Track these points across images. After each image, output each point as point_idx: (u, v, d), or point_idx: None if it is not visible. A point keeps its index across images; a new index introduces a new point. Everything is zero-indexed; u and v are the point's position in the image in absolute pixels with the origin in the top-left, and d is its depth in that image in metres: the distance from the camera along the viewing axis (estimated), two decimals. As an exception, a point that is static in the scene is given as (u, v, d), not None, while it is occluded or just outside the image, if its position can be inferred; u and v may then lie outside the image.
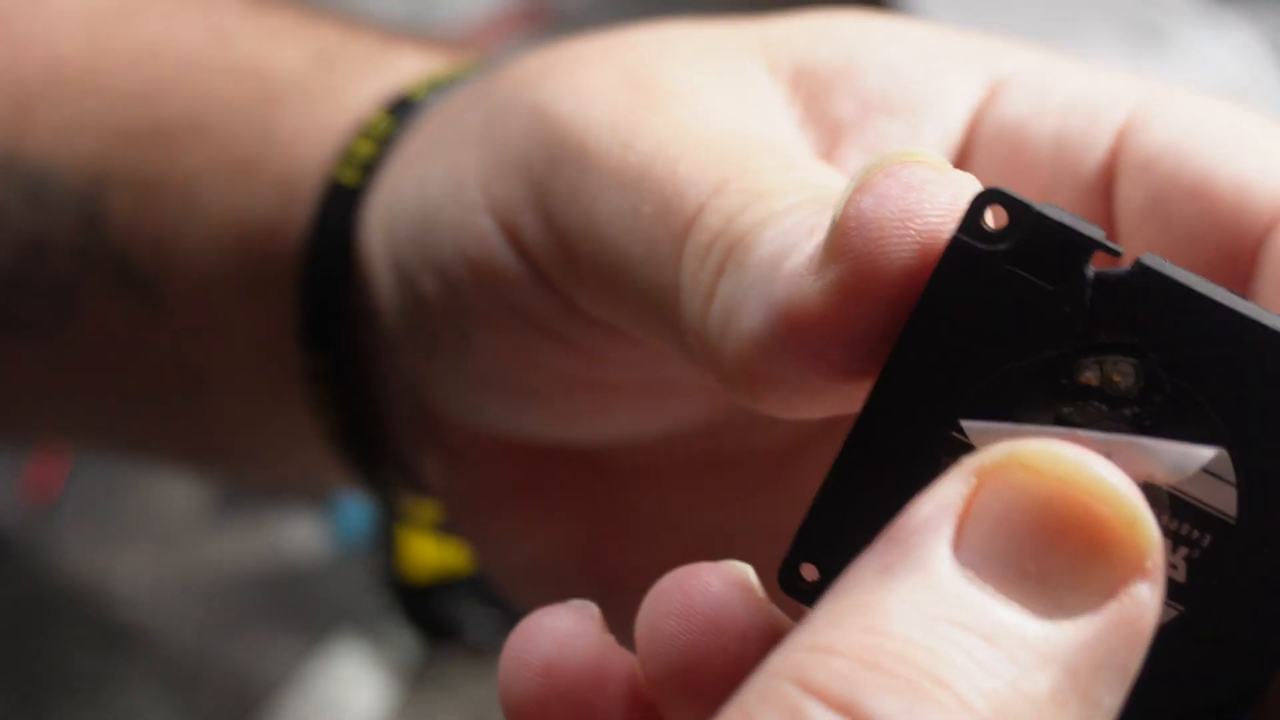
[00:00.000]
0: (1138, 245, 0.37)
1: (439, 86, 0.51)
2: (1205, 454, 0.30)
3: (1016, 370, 0.31)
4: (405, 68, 0.54)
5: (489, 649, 0.78)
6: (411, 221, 0.46)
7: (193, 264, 0.54)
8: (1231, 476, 0.30)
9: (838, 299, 0.32)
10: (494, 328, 0.44)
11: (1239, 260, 0.36)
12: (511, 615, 0.77)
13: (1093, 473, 0.29)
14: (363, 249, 0.49)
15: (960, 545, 0.29)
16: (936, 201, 0.31)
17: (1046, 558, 0.28)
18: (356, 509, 0.81)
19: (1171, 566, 0.31)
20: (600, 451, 0.48)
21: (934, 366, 0.31)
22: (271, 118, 0.53)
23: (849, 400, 0.33)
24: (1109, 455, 0.29)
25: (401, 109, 0.51)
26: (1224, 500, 0.30)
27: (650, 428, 0.47)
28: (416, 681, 0.78)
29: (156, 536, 0.83)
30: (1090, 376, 0.31)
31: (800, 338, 0.32)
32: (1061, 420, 0.31)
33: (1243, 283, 0.36)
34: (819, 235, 0.33)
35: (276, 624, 0.80)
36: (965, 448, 0.31)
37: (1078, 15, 1.12)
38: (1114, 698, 0.28)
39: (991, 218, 0.31)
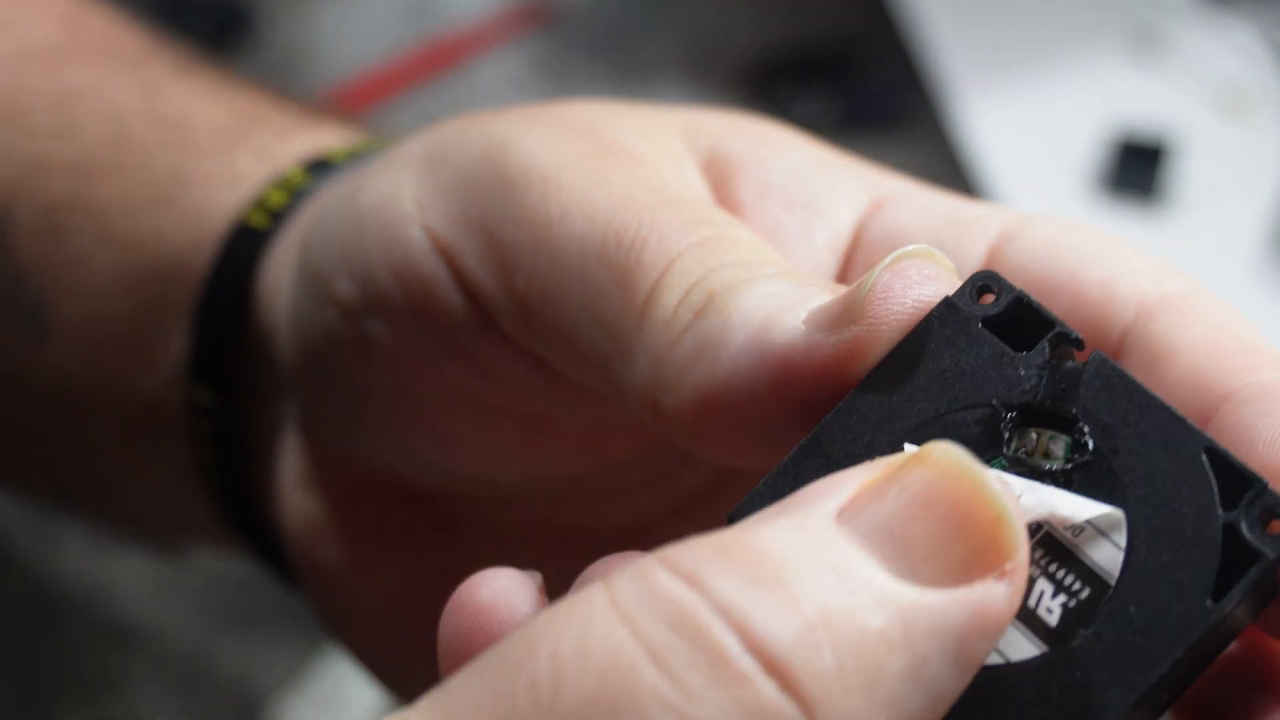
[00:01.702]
0: None
1: (357, 155, 0.54)
2: (1102, 509, 0.33)
3: (965, 413, 0.35)
4: (327, 138, 0.56)
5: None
6: (335, 227, 0.47)
7: (92, 292, 0.55)
8: (1123, 543, 0.33)
9: (848, 353, 0.36)
10: (401, 335, 0.46)
11: (1104, 348, 0.40)
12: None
13: (976, 471, 0.32)
14: (264, 286, 0.51)
15: (844, 512, 0.32)
16: (941, 288, 0.36)
17: (913, 528, 0.31)
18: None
19: (1047, 610, 0.33)
20: (454, 500, 0.50)
21: (897, 394, 0.35)
22: (189, 162, 0.55)
23: (776, 447, 0.36)
24: (1016, 490, 0.33)
25: (319, 169, 0.53)
26: (1110, 563, 0.33)
27: (515, 468, 0.48)
28: (417, 681, 0.78)
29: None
30: (1027, 441, 0.35)
31: (792, 382, 0.36)
32: (990, 464, 0.35)
33: None
34: (818, 300, 0.37)
35: (278, 625, 0.80)
36: None
37: (1078, 17, 1.12)
38: (947, 672, 0.31)
39: (980, 296, 0.36)
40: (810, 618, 0.30)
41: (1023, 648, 0.33)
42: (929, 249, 0.37)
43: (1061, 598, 0.33)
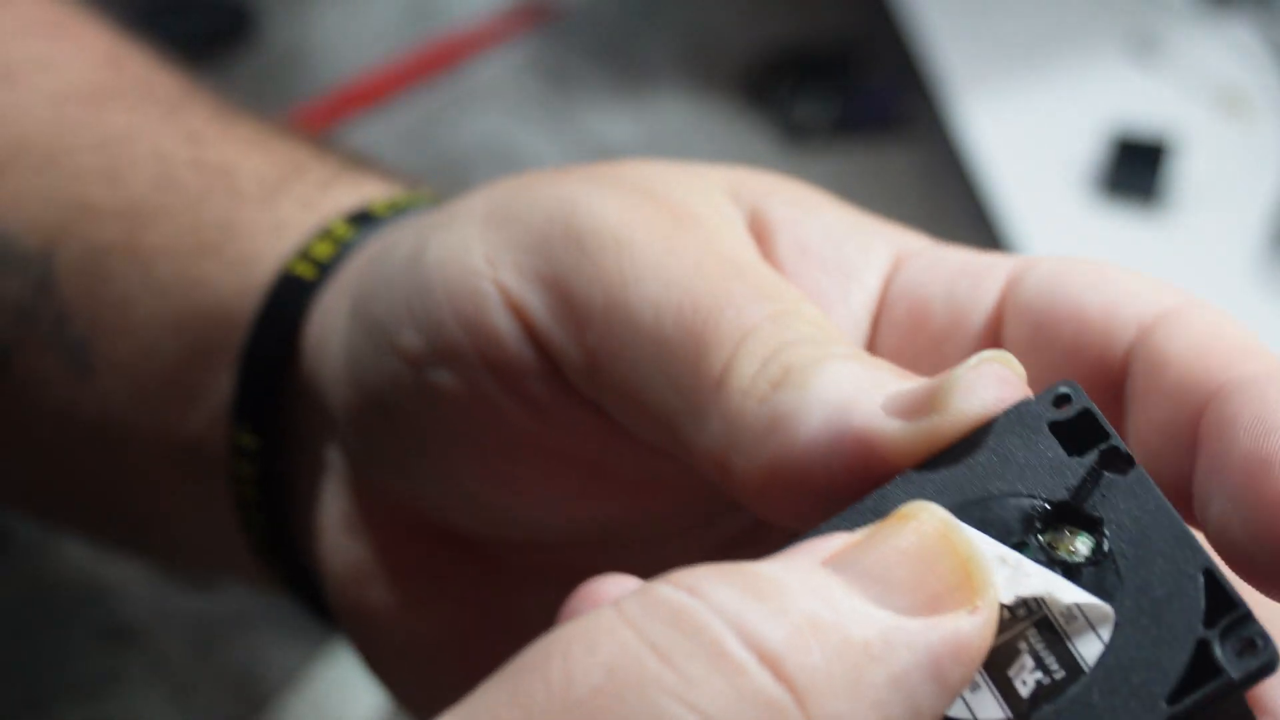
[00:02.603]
0: (1027, 370, 0.44)
1: (400, 209, 0.55)
2: (1093, 601, 0.36)
3: (1009, 500, 0.38)
4: (368, 189, 0.57)
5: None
6: (399, 281, 0.48)
7: (136, 335, 0.56)
8: (1106, 639, 0.36)
9: (925, 441, 0.38)
10: (469, 383, 0.47)
11: (1112, 369, 0.42)
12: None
13: (952, 524, 0.35)
14: (310, 336, 0.52)
15: (830, 559, 0.35)
16: (1016, 391, 0.39)
17: (892, 569, 0.35)
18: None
19: (1023, 681, 0.36)
20: (498, 544, 0.51)
21: (954, 472, 0.39)
22: (235, 210, 0.56)
23: (834, 514, 0.39)
24: (1019, 555, 0.37)
25: (363, 220, 0.54)
26: (1091, 654, 0.36)
27: (569, 513, 0.50)
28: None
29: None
30: (1058, 535, 0.38)
31: (865, 461, 0.39)
32: (1018, 549, 0.37)
33: (1116, 387, 0.42)
34: (891, 386, 0.40)
35: (278, 625, 0.80)
36: None
37: (1078, 18, 1.12)
38: (926, 690, 0.34)
39: (1057, 403, 0.39)
40: (799, 623, 0.33)
41: (990, 709, 0.36)
42: (1005, 354, 0.39)
43: (1039, 674, 0.36)
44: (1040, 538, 0.38)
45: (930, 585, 0.35)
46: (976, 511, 0.38)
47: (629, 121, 1.06)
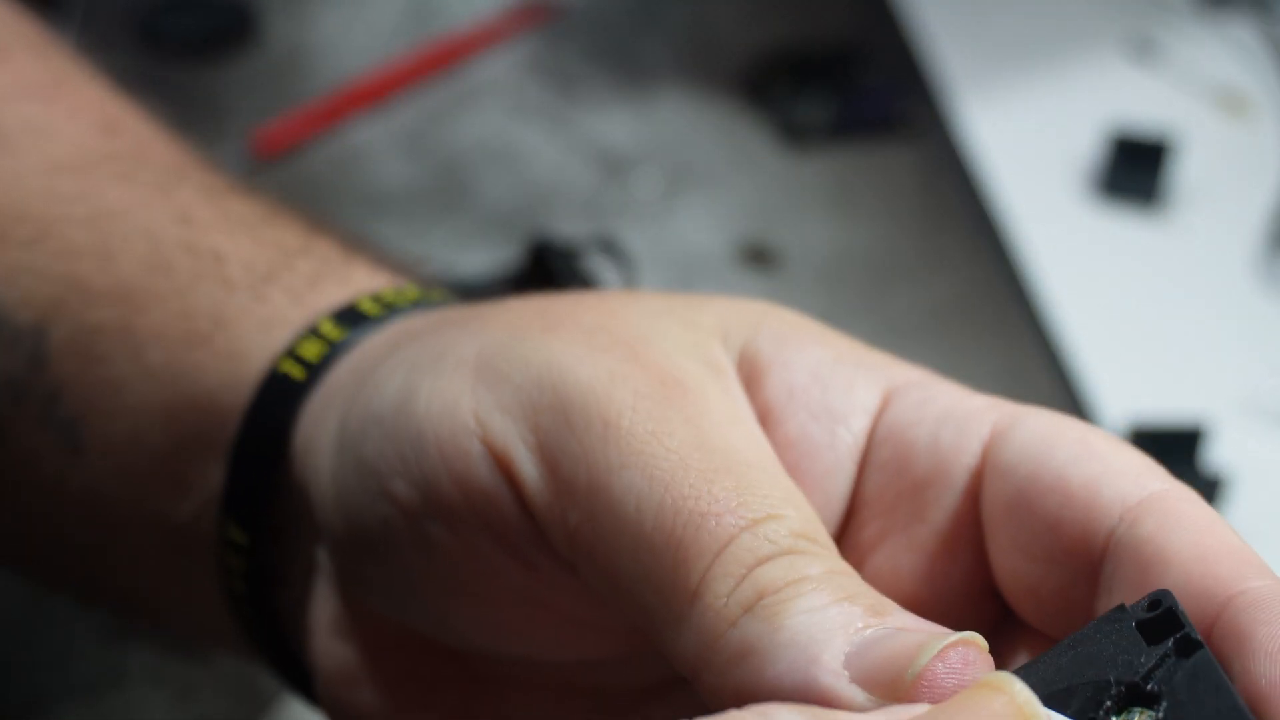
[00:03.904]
0: (1003, 534, 0.45)
1: (388, 306, 0.55)
2: None
3: (1089, 684, 0.40)
4: (357, 281, 0.57)
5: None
6: (390, 430, 0.49)
7: (126, 419, 0.56)
8: None
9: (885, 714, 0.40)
10: (460, 536, 0.48)
11: (1091, 546, 0.43)
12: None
13: (1033, 701, 0.38)
14: (299, 440, 0.53)
15: None
16: (980, 673, 0.40)
17: None
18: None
19: None
20: (484, 657, 0.52)
21: (1055, 666, 0.41)
22: (226, 300, 0.56)
23: None
24: None
25: (352, 319, 0.54)
26: None
27: (556, 653, 0.51)
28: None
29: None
30: (1126, 714, 0.40)
31: (829, 706, 0.40)
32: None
33: (1093, 566, 0.44)
34: (860, 626, 0.41)
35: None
36: None
37: (1077, 19, 1.12)
38: None
39: (1149, 607, 0.41)
40: None
41: None
42: (971, 637, 0.40)
43: None
44: (1107, 714, 0.40)
45: None
46: (1059, 697, 0.40)
47: (629, 121, 1.06)
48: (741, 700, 0.41)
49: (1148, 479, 0.44)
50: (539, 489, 0.46)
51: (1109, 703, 0.40)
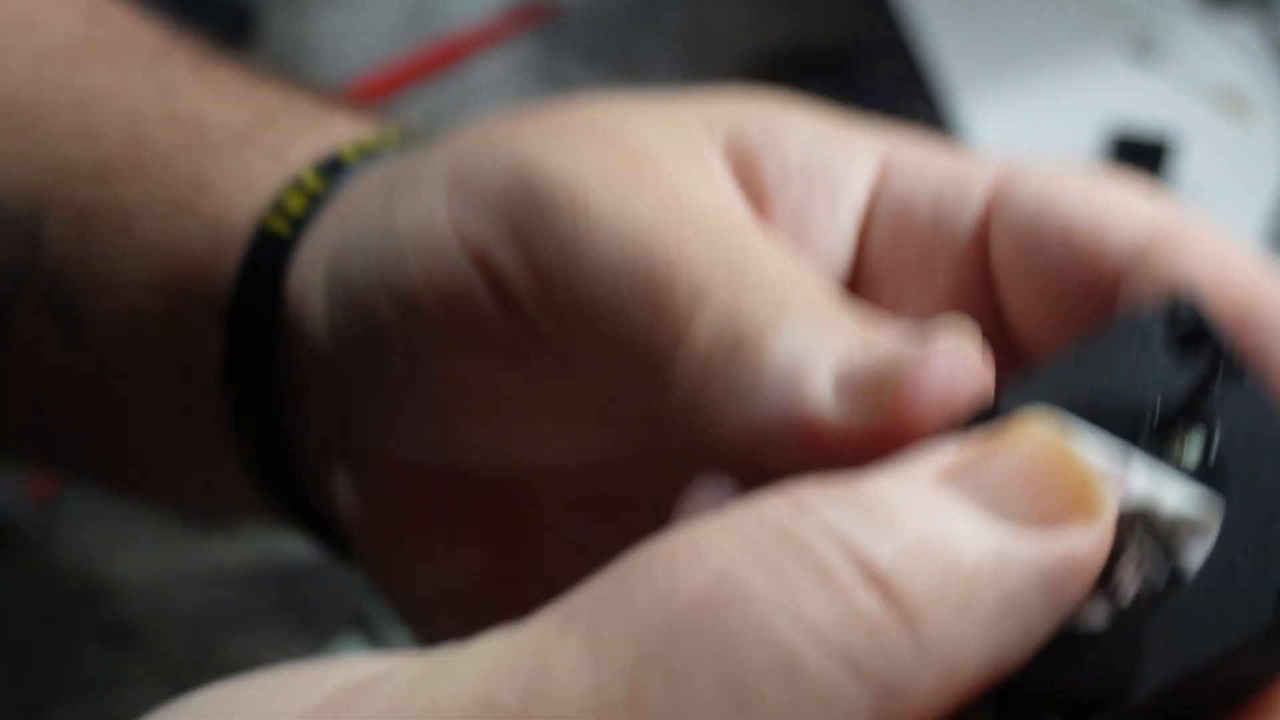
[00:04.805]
0: (1013, 287, 0.43)
1: (369, 153, 0.55)
2: (1200, 510, 0.36)
3: (1121, 403, 0.38)
4: (338, 131, 0.57)
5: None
6: (372, 252, 0.48)
7: (123, 294, 0.56)
8: (1211, 547, 0.35)
9: (876, 441, 0.37)
10: (452, 351, 0.47)
11: (1102, 289, 0.42)
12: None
13: (1067, 441, 0.35)
14: (291, 293, 0.52)
15: (944, 473, 0.34)
16: (969, 380, 0.38)
17: (1007, 485, 0.34)
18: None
19: (1124, 590, 0.35)
20: (507, 482, 0.51)
21: (1067, 368, 0.38)
22: (209, 165, 0.56)
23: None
24: (1128, 461, 0.36)
25: (332, 169, 0.54)
26: (1194, 561, 0.35)
27: (569, 453, 0.49)
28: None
29: (157, 534, 0.83)
30: (1163, 443, 0.37)
31: (816, 445, 0.38)
32: (1121, 450, 0.37)
33: (1107, 308, 0.42)
34: (845, 347, 0.39)
35: (278, 624, 0.80)
36: None
37: (1077, 18, 1.12)
38: (1039, 608, 0.33)
39: (1173, 312, 0.38)
40: (909, 543, 0.33)
41: (1091, 616, 0.35)
42: (963, 324, 0.38)
43: (1140, 582, 0.35)
44: (1148, 443, 0.37)
45: (1044, 502, 0.34)
46: (1087, 412, 0.37)
47: (629, 121, 1.06)
48: (736, 455, 0.40)
49: (1156, 212, 0.42)
50: (520, 280, 0.45)
51: (1147, 428, 0.37)
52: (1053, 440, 0.35)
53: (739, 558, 0.32)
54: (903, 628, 0.32)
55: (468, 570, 0.52)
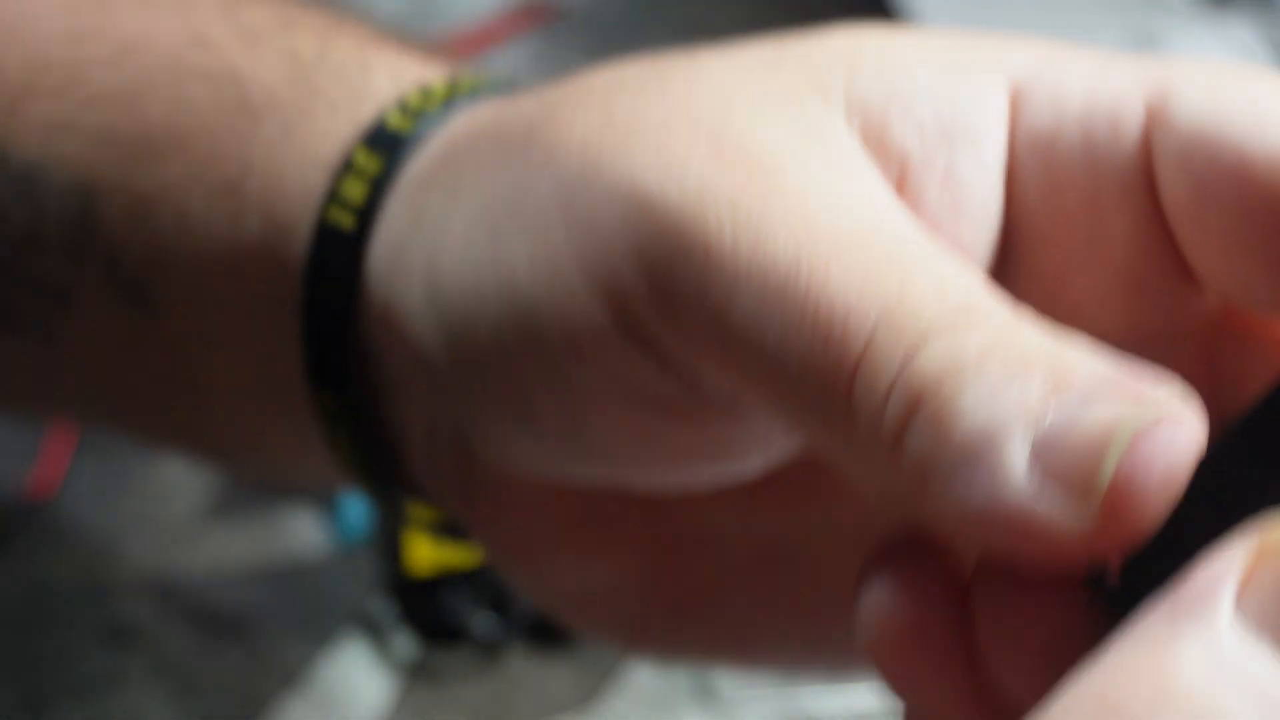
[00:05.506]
0: (1196, 237, 0.39)
1: (424, 116, 0.51)
2: None
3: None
4: (379, 88, 0.53)
5: (491, 647, 0.78)
6: (494, 304, 0.45)
7: (186, 279, 0.54)
8: None
9: (1090, 542, 0.33)
10: (602, 402, 0.44)
11: None
12: (509, 619, 0.77)
13: None
14: (373, 294, 0.49)
15: (1240, 605, 0.30)
16: (1188, 446, 0.33)
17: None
18: (357, 506, 0.81)
19: None
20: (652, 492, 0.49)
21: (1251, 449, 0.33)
22: (251, 135, 0.53)
23: None
24: None
25: (387, 143, 0.51)
26: None
27: (732, 477, 0.47)
28: (419, 679, 0.78)
29: (157, 533, 0.83)
30: None
31: (1028, 548, 0.34)
32: None
33: None
34: (1041, 425, 0.34)
35: (278, 625, 0.80)
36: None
37: (1077, 18, 1.12)
38: None
39: None
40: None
41: None
42: (1158, 400, 0.34)
43: None
44: None
45: None
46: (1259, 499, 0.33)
47: (629, 121, 1.06)
48: (956, 526, 0.35)
49: None
50: (667, 338, 0.41)
51: None
52: None
53: None
54: None
55: (621, 570, 0.50)
